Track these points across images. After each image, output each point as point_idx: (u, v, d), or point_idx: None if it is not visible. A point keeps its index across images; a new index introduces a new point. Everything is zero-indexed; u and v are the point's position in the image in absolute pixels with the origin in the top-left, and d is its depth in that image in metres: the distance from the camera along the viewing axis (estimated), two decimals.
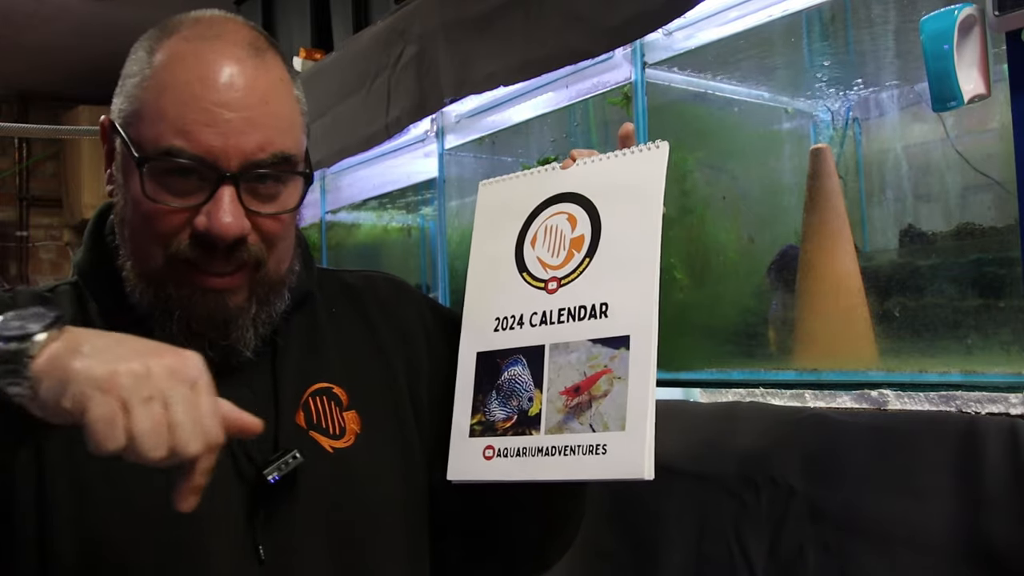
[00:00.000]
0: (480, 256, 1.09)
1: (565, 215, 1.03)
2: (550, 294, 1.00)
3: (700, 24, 1.69)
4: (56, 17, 4.30)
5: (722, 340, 1.72)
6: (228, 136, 0.90)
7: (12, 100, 5.51)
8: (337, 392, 1.05)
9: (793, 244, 1.64)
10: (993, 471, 1.10)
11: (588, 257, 0.99)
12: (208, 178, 0.91)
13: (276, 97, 0.95)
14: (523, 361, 1.00)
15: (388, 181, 2.90)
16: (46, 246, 5.67)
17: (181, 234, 0.92)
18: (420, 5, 2.14)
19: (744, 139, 1.94)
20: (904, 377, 1.33)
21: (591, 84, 1.94)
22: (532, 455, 0.95)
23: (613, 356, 0.93)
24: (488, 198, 1.11)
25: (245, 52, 0.94)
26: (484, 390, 1.01)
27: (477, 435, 1.00)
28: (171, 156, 0.90)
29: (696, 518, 1.43)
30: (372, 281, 1.19)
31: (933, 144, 1.61)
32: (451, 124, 2.38)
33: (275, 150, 0.93)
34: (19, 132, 5.41)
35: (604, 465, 0.91)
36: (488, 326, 1.04)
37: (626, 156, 1.01)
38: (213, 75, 0.91)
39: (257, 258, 0.95)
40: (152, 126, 0.91)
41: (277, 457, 0.95)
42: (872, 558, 1.20)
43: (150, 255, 0.94)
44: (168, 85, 0.91)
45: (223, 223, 0.90)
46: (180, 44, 0.94)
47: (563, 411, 0.95)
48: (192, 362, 0.76)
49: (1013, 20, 1.09)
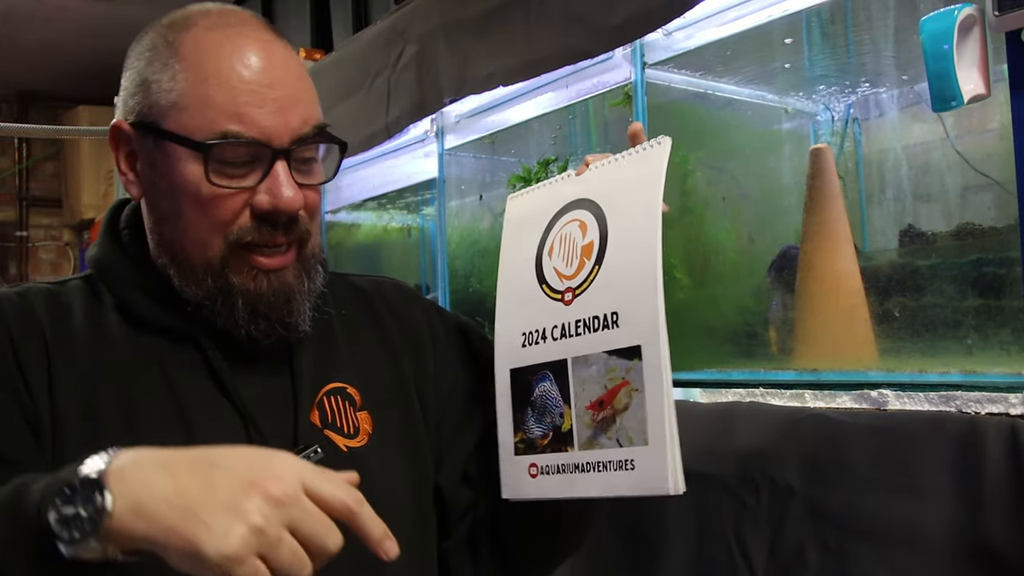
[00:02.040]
0: (507, 270, 1.08)
1: (577, 222, 1.01)
2: (567, 305, 0.98)
3: (700, 24, 1.69)
4: (56, 17, 4.29)
5: (722, 340, 1.72)
6: (277, 114, 0.94)
7: (12, 100, 5.51)
8: (351, 392, 1.06)
9: (793, 244, 1.64)
10: (993, 471, 1.10)
11: (597, 264, 0.97)
12: (262, 157, 0.95)
13: (304, 75, 1.01)
14: (550, 376, 0.98)
15: (388, 181, 2.90)
16: (46, 246, 5.67)
17: (240, 218, 0.96)
18: (420, 5, 2.14)
19: (744, 139, 1.94)
20: (904, 377, 1.33)
21: (591, 84, 1.94)
22: (571, 472, 0.94)
23: (628, 368, 0.91)
24: (513, 211, 1.10)
25: (269, 35, 0.99)
26: (521, 407, 1.01)
27: (522, 453, 1.00)
28: (228, 139, 0.93)
29: (696, 518, 1.43)
30: (380, 285, 1.20)
31: (933, 144, 1.61)
32: (451, 124, 2.38)
33: (315, 122, 0.99)
34: (19, 132, 5.41)
35: (634, 481, 0.89)
36: (517, 341, 1.02)
37: (629, 156, 1.00)
38: (252, 59, 0.95)
39: (307, 230, 1.00)
40: (200, 114, 0.93)
41: (300, 451, 0.97)
42: (872, 558, 1.20)
43: (208, 244, 0.96)
44: (210, 73, 0.94)
45: (287, 197, 0.95)
46: (207, 35, 0.97)
47: (591, 426, 0.93)
48: (287, 475, 0.74)
49: (1013, 20, 1.09)
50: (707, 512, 1.41)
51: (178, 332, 0.99)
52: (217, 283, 0.97)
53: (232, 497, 0.71)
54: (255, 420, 0.98)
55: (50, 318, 0.97)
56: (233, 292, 0.97)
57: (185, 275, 0.98)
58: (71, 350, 0.96)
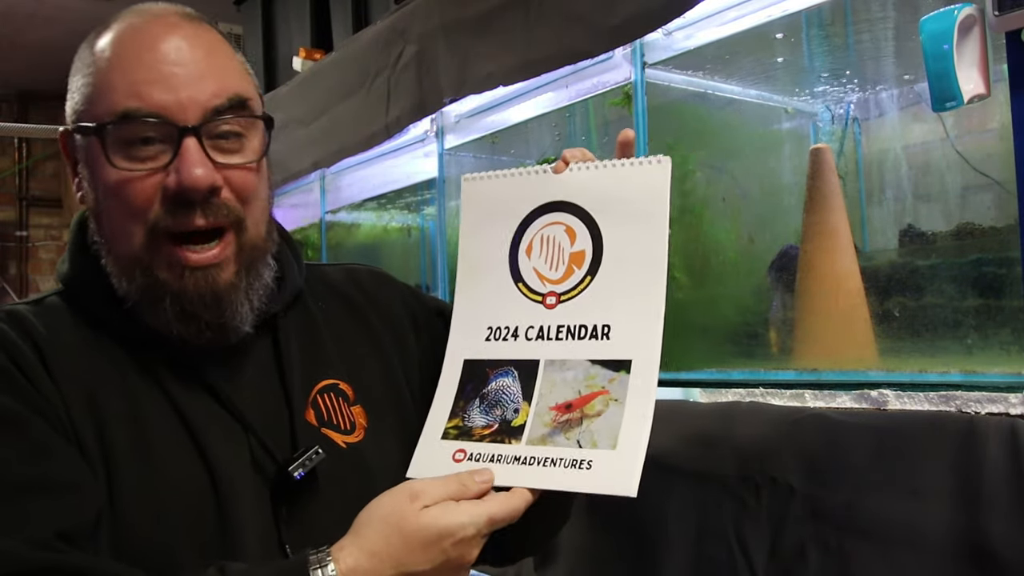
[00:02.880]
0: (470, 258, 1.07)
1: (562, 226, 1.01)
2: (548, 309, 1.00)
3: (700, 24, 1.69)
4: (56, 17, 4.30)
5: (722, 340, 1.72)
6: (180, 89, 0.91)
7: (12, 100, 5.51)
8: (343, 388, 1.06)
9: (793, 244, 1.64)
10: (993, 471, 1.10)
11: (590, 275, 0.98)
12: (170, 136, 0.91)
13: (220, 51, 0.96)
14: (514, 373, 0.99)
15: (388, 181, 2.90)
16: (46, 246, 5.67)
17: (155, 203, 0.92)
18: (420, 5, 2.14)
19: (744, 139, 1.94)
20: (904, 377, 1.33)
21: (591, 84, 1.94)
22: (507, 463, 0.94)
23: (612, 378, 0.93)
24: (474, 195, 1.08)
25: (181, 19, 0.96)
26: (467, 397, 1.01)
27: (451, 438, 0.99)
28: (127, 119, 0.90)
29: (696, 518, 1.43)
30: (354, 273, 1.20)
31: (933, 144, 1.61)
32: (451, 124, 2.38)
33: (230, 94, 0.93)
34: (19, 132, 5.42)
35: (585, 480, 0.91)
36: (479, 334, 1.03)
37: (625, 168, 0.99)
38: (154, 40, 0.93)
39: (236, 216, 0.95)
40: (104, 99, 0.92)
41: (301, 454, 0.96)
42: (872, 558, 1.20)
43: (130, 235, 0.93)
44: (114, 60, 0.93)
45: (194, 175, 0.90)
46: (119, 28, 0.96)
47: (550, 425, 0.94)
48: (470, 540, 0.87)
49: (1013, 20, 1.09)
50: (707, 512, 1.41)
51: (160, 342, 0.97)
52: (146, 279, 0.94)
53: None
54: (255, 429, 0.98)
55: (41, 340, 0.95)
56: (159, 289, 0.93)
57: (118, 271, 0.95)
58: (70, 369, 0.94)
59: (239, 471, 0.95)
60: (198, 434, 0.95)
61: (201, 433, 0.95)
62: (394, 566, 0.85)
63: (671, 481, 1.45)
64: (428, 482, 0.90)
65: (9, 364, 0.92)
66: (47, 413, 0.91)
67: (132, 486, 0.91)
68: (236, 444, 0.96)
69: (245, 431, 0.97)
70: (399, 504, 0.87)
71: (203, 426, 0.95)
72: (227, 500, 0.93)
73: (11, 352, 0.93)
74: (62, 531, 0.85)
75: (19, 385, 0.91)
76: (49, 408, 0.91)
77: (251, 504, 0.94)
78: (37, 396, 0.91)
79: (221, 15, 3.42)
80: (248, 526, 0.94)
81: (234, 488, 0.94)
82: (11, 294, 5.46)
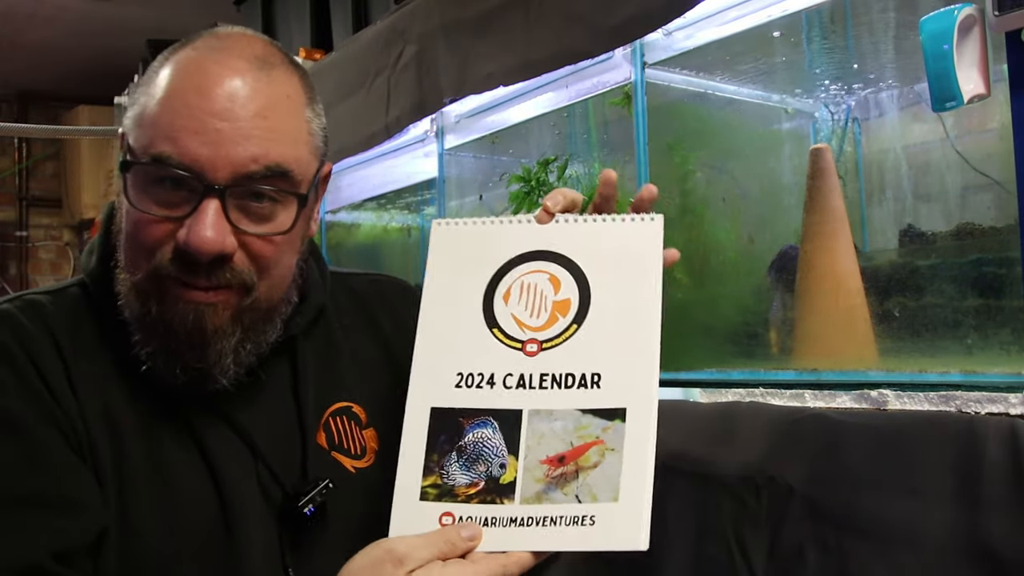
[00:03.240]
0: (437, 302, 1.00)
1: (546, 275, 0.97)
2: (529, 356, 0.95)
3: (700, 24, 1.69)
4: (56, 17, 4.29)
5: (722, 340, 1.72)
6: (218, 146, 0.87)
7: (12, 100, 5.51)
8: (356, 411, 1.05)
9: (793, 244, 1.64)
10: (993, 471, 1.10)
11: (576, 324, 0.94)
12: (195, 189, 0.87)
13: (277, 111, 0.90)
14: (494, 424, 0.93)
15: (388, 181, 2.90)
16: (46, 246, 5.67)
17: (165, 247, 0.88)
18: (420, 5, 2.14)
19: (744, 139, 1.94)
20: (904, 377, 1.33)
21: (591, 84, 1.94)
22: (504, 525, 0.88)
23: (606, 427, 0.89)
24: (445, 240, 1.02)
25: (248, 64, 0.91)
26: (441, 450, 0.93)
27: (431, 499, 0.91)
28: (158, 163, 0.87)
29: (696, 518, 1.43)
30: (379, 285, 1.18)
31: (933, 144, 1.61)
32: (451, 124, 2.38)
33: (270, 162, 0.89)
34: (19, 132, 5.41)
35: (591, 537, 0.87)
36: (447, 380, 0.95)
37: (616, 224, 0.97)
38: (209, 85, 0.88)
39: (244, 282, 0.91)
40: (145, 133, 0.89)
41: (311, 488, 0.95)
42: (872, 558, 1.20)
43: (137, 266, 0.91)
44: (166, 94, 0.89)
45: (202, 237, 0.86)
46: (187, 54, 0.92)
47: (543, 481, 0.89)
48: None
49: (1013, 20, 1.09)
50: (707, 512, 1.41)
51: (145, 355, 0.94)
52: (143, 309, 0.91)
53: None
54: (263, 455, 0.96)
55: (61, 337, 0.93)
56: (153, 320, 0.91)
57: (123, 295, 0.93)
58: (88, 372, 0.93)
59: (248, 493, 0.95)
60: (209, 454, 0.94)
61: (212, 454, 0.94)
62: None
63: (671, 481, 1.45)
64: (412, 542, 0.83)
65: (28, 365, 0.90)
66: (61, 423, 0.89)
67: (145, 501, 0.91)
68: (245, 467, 0.96)
69: (254, 456, 0.96)
70: (383, 569, 0.81)
71: (215, 448, 0.94)
72: (235, 521, 0.93)
73: (30, 351, 0.90)
74: (58, 551, 0.83)
75: (35, 390, 0.89)
76: (64, 417, 0.89)
77: (257, 527, 0.94)
78: (52, 403, 0.89)
79: (221, 15, 3.42)
80: (254, 548, 0.93)
81: (242, 510, 0.93)
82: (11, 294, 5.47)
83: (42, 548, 0.82)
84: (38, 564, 0.82)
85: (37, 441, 0.88)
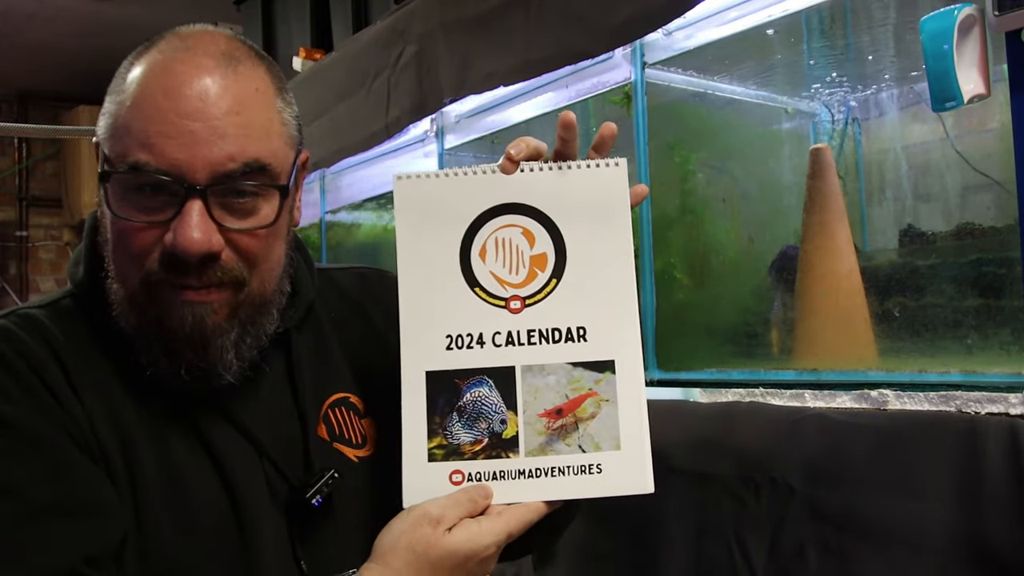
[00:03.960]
0: (412, 263, 1.00)
1: (519, 228, 0.98)
2: (514, 313, 0.97)
3: (700, 24, 1.69)
4: (56, 17, 4.30)
5: (722, 340, 1.72)
6: (193, 147, 0.86)
7: (12, 100, 5.51)
8: (354, 401, 1.05)
9: (793, 244, 1.64)
10: (993, 471, 1.10)
11: (555, 278, 0.96)
12: (176, 193, 0.87)
13: (248, 107, 0.90)
14: (489, 382, 0.95)
15: (388, 181, 2.89)
16: (46, 246, 5.67)
17: (153, 253, 0.88)
18: (420, 5, 2.14)
19: (744, 139, 1.94)
20: (904, 377, 1.33)
21: (591, 84, 1.94)
22: (512, 478, 0.93)
23: (598, 380, 0.93)
24: (410, 196, 1.00)
25: (215, 62, 0.90)
26: (442, 412, 0.95)
27: (439, 459, 0.94)
28: (136, 171, 0.87)
29: (696, 518, 1.43)
30: (363, 278, 1.18)
31: (933, 144, 1.62)
32: (451, 124, 2.38)
33: (247, 158, 0.88)
34: (19, 132, 5.42)
35: (600, 484, 0.91)
36: (438, 343, 0.97)
37: (581, 171, 0.97)
38: (178, 87, 0.88)
39: (236, 278, 0.91)
40: (120, 141, 0.89)
41: (317, 479, 0.96)
42: (872, 558, 1.20)
43: (128, 276, 0.91)
44: (136, 99, 0.89)
45: (189, 238, 0.86)
46: (153, 57, 0.91)
47: (545, 433, 0.93)
48: None
49: (1013, 20, 1.09)
50: (707, 512, 1.41)
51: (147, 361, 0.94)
52: (141, 318, 0.91)
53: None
54: (268, 453, 0.97)
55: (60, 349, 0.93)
56: (152, 326, 0.91)
57: (118, 306, 0.93)
58: (91, 381, 0.93)
59: (256, 491, 0.95)
60: (218, 456, 0.94)
61: (220, 455, 0.94)
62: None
63: (671, 481, 1.45)
64: (444, 504, 0.89)
65: (31, 376, 0.89)
66: (71, 431, 0.89)
67: (159, 505, 0.91)
68: (252, 465, 0.96)
69: (259, 454, 0.97)
70: (422, 531, 0.87)
71: (222, 447, 0.95)
72: (247, 520, 0.93)
73: (32, 362, 0.90)
74: (89, 556, 0.84)
75: (42, 400, 0.89)
76: (74, 425, 0.89)
77: (268, 523, 0.94)
78: (61, 412, 0.89)
79: (221, 15, 3.42)
80: (266, 545, 0.94)
81: (252, 508, 0.94)
82: (11, 294, 5.46)
83: (75, 554, 0.83)
84: (74, 569, 0.82)
85: (54, 449, 0.87)
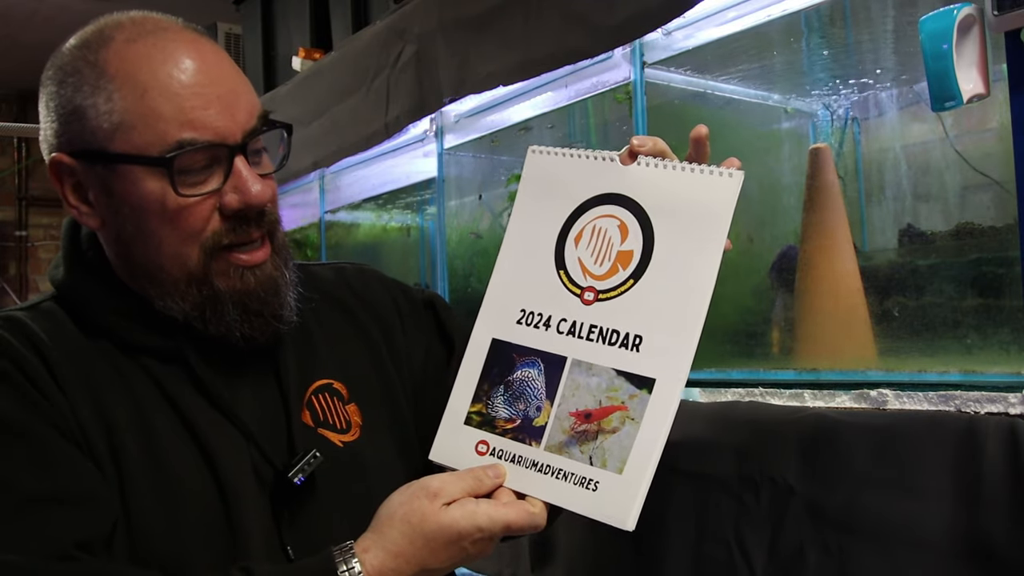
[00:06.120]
0: (518, 234, 1.02)
1: (616, 221, 0.97)
2: (585, 304, 0.96)
3: (700, 24, 1.69)
4: (56, 16, 4.30)
5: (721, 340, 1.72)
6: (226, 112, 0.93)
7: (12, 100, 5.52)
8: (337, 387, 1.07)
9: (793, 244, 1.64)
10: (993, 471, 1.09)
11: (633, 279, 0.94)
12: (220, 157, 0.93)
13: (235, 65, 0.99)
14: (540, 366, 0.96)
15: (387, 181, 2.90)
16: (45, 246, 5.68)
17: (211, 222, 0.94)
18: (419, 5, 2.14)
19: (743, 139, 1.94)
20: (903, 377, 1.33)
21: (591, 84, 1.93)
22: (526, 467, 0.93)
23: (633, 395, 0.91)
24: (537, 170, 1.03)
25: (192, 34, 0.97)
26: (492, 381, 0.97)
27: (474, 425, 0.97)
28: (184, 148, 0.91)
29: (696, 518, 1.43)
30: (342, 271, 1.21)
31: (932, 144, 1.61)
32: (450, 124, 2.38)
33: (259, 111, 0.97)
34: (19, 132, 5.42)
35: (590, 503, 0.89)
36: (512, 315, 0.99)
37: (695, 175, 0.95)
38: (186, 62, 0.93)
39: (275, 220, 1.00)
40: (150, 129, 0.90)
41: (299, 459, 0.97)
42: (872, 558, 1.20)
43: (185, 256, 0.94)
44: (147, 85, 0.91)
45: (256, 192, 0.94)
46: (129, 47, 0.93)
47: (568, 433, 0.92)
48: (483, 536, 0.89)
49: (1012, 20, 1.09)
50: (707, 512, 1.41)
51: (163, 351, 0.98)
52: (203, 291, 0.96)
53: None
54: (254, 437, 0.98)
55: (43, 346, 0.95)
56: (221, 297, 0.96)
57: (167, 292, 0.96)
58: (74, 375, 0.94)
59: (243, 477, 0.96)
60: (204, 442, 0.95)
61: (207, 441, 0.96)
62: (417, 565, 0.87)
63: (670, 481, 1.45)
64: (445, 479, 0.91)
65: (15, 371, 0.91)
66: (57, 421, 0.90)
67: (145, 493, 0.92)
68: (238, 451, 0.97)
69: (245, 438, 0.97)
70: (419, 504, 0.89)
71: (208, 434, 0.96)
72: (234, 506, 0.94)
73: (15, 358, 0.92)
74: (80, 541, 0.84)
75: (26, 393, 0.90)
76: (59, 416, 0.91)
77: (254, 508, 0.95)
78: (46, 404, 0.90)
79: (220, 15, 3.42)
80: (254, 530, 0.95)
81: (240, 494, 0.95)
82: (11, 294, 5.47)
83: (66, 539, 0.84)
84: (66, 554, 0.83)
85: (41, 440, 0.89)
